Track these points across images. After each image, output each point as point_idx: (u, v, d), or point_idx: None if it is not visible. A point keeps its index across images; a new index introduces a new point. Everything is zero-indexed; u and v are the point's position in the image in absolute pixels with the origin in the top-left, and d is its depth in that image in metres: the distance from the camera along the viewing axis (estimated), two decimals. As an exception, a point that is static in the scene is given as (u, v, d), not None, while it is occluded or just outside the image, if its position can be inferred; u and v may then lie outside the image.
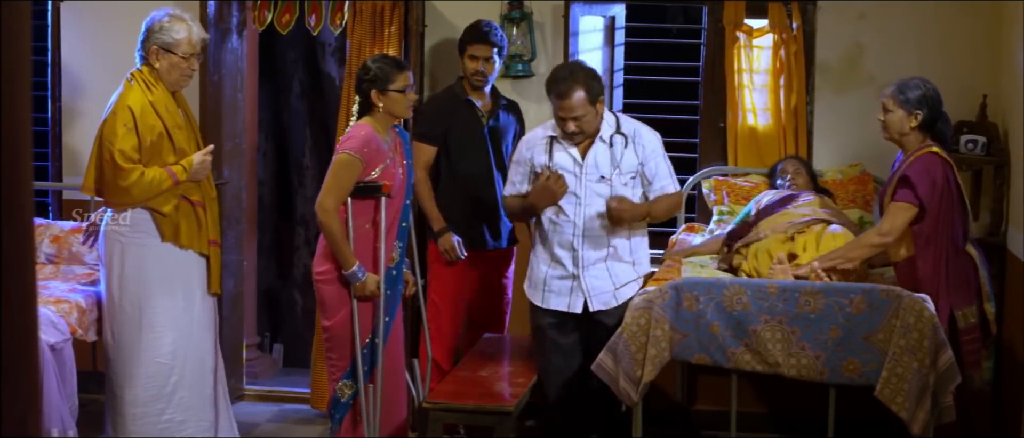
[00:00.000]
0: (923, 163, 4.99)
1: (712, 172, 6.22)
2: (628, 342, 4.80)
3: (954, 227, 5.00)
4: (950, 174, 4.99)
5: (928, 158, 5.00)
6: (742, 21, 6.15)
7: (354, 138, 4.96)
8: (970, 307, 5.00)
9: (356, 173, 4.93)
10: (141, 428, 5.14)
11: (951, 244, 4.98)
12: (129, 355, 5.14)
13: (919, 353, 4.56)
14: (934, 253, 4.97)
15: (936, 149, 5.01)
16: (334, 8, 6.19)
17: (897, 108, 5.08)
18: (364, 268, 4.97)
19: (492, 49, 5.70)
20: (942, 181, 4.96)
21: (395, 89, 5.00)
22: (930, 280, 4.94)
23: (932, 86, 5.09)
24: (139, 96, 5.03)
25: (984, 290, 5.05)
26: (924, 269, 4.96)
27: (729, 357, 4.80)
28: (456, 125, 5.79)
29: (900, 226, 4.96)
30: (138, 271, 5.12)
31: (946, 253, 4.98)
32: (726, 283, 4.82)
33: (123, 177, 4.95)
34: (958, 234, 5.01)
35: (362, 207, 5.00)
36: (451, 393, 4.81)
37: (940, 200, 4.95)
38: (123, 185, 4.96)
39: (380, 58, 5.14)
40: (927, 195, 4.92)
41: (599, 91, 4.99)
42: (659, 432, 5.93)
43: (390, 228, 5.07)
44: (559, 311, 5.10)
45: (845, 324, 4.67)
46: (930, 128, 5.05)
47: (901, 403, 4.56)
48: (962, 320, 4.97)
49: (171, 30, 5.07)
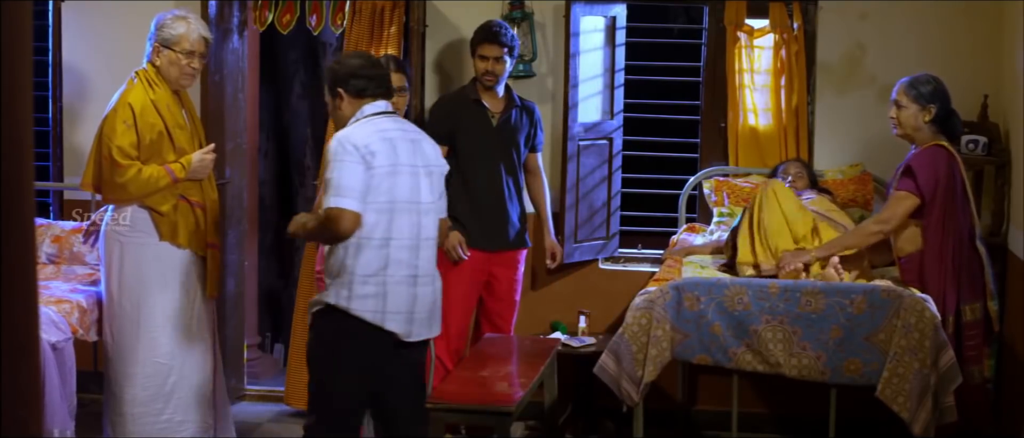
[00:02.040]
0: (929, 155, 5.03)
1: (713, 172, 6.22)
2: (629, 342, 4.80)
3: (960, 221, 5.02)
4: (956, 169, 5.01)
5: (934, 150, 5.04)
6: (743, 21, 6.15)
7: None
8: (977, 303, 5.04)
9: None
10: (140, 428, 5.14)
11: (959, 238, 5.01)
12: (128, 354, 5.14)
13: (920, 353, 4.56)
14: (941, 247, 4.99)
15: (944, 143, 5.05)
16: (335, 8, 6.19)
17: (911, 103, 5.11)
18: None
19: (502, 49, 5.69)
20: (946, 174, 4.98)
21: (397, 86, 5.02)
22: (937, 274, 4.97)
23: (942, 82, 5.14)
24: (141, 94, 5.04)
25: (988, 288, 5.07)
26: (931, 263, 4.99)
27: (730, 357, 4.80)
28: (463, 125, 5.79)
29: (900, 215, 4.99)
30: (137, 270, 5.12)
31: (954, 247, 5.00)
32: (727, 283, 4.82)
33: (119, 173, 4.95)
34: (965, 229, 5.03)
35: None
36: (452, 393, 4.81)
37: (943, 193, 4.98)
38: (119, 181, 4.97)
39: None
40: (927, 186, 4.96)
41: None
42: (660, 432, 5.93)
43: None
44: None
45: (846, 324, 4.67)
46: (943, 123, 5.08)
47: (902, 403, 4.56)
48: (969, 314, 5.00)
49: (172, 27, 5.09)
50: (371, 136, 4.31)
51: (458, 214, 5.79)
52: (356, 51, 5.05)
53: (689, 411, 6.24)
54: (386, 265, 4.33)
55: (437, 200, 4.52)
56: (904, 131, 5.15)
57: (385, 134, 4.35)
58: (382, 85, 4.48)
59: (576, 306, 6.17)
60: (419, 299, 4.42)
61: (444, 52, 6.33)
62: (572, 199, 6.11)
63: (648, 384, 4.80)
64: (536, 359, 5.30)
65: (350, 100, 4.46)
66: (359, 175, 4.24)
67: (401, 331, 4.38)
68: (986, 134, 5.74)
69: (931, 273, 4.99)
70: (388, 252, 4.33)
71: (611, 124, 6.26)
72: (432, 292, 4.51)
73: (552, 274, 6.26)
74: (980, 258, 5.07)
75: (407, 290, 4.38)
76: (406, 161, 4.37)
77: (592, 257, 6.30)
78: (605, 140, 6.23)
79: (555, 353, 5.50)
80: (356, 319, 4.32)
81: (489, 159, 5.79)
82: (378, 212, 4.29)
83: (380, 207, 4.29)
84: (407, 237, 4.37)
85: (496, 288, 5.89)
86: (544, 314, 6.27)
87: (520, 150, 5.85)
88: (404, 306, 4.38)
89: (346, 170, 4.23)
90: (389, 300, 4.34)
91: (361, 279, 4.30)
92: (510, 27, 5.85)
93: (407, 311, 4.39)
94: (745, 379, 5.48)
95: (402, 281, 4.36)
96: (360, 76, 4.44)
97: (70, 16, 6.48)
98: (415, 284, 4.40)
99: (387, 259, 4.32)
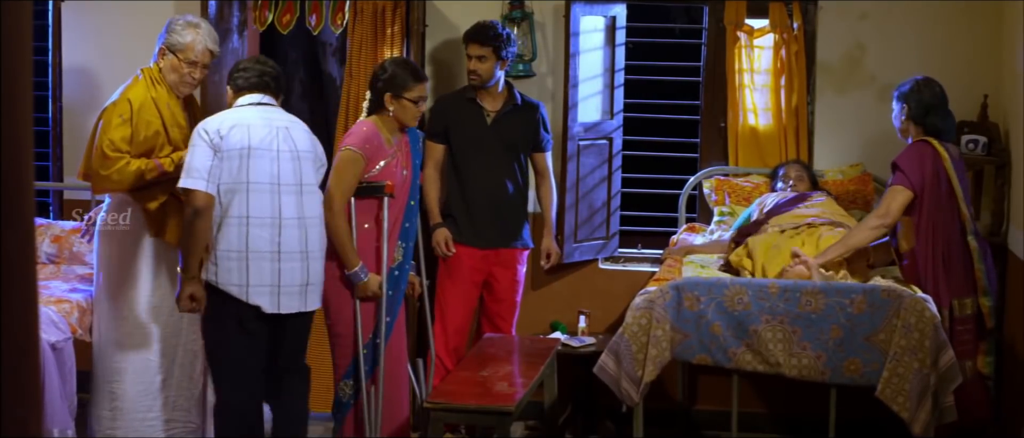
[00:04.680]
0: (911, 150, 5.16)
1: (713, 172, 6.22)
2: (629, 342, 4.80)
3: (948, 216, 5.09)
4: (940, 165, 5.09)
5: (917, 145, 5.17)
6: (743, 21, 6.15)
7: (355, 134, 4.99)
8: (969, 298, 5.11)
9: (359, 169, 4.94)
10: (128, 425, 5.13)
11: (947, 233, 5.10)
12: (117, 351, 5.15)
13: (920, 353, 4.56)
14: (932, 242, 5.08)
15: (928, 139, 5.16)
16: (335, 8, 6.19)
17: (894, 102, 5.33)
18: (367, 269, 4.97)
19: (486, 48, 5.66)
20: (931, 169, 5.08)
21: (409, 97, 5.03)
22: (930, 269, 5.06)
23: (931, 83, 5.24)
24: (142, 90, 5.06)
25: (981, 283, 5.10)
26: (924, 258, 5.08)
27: (730, 357, 4.80)
28: (458, 124, 5.78)
29: (896, 209, 5.08)
30: (128, 267, 5.13)
31: (943, 242, 5.09)
32: (727, 283, 4.82)
33: (106, 165, 4.97)
34: (954, 223, 5.08)
35: (364, 207, 5.01)
36: (451, 393, 4.81)
37: (930, 188, 5.08)
38: (104, 173, 4.99)
39: (401, 62, 5.16)
40: (917, 177, 5.07)
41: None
42: (660, 432, 5.93)
43: (392, 228, 5.07)
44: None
45: (846, 324, 4.67)
46: (921, 120, 5.21)
47: (902, 403, 4.57)
48: (959, 309, 5.08)
49: (180, 33, 5.11)
50: (225, 122, 4.72)
51: (453, 211, 5.80)
52: (257, 56, 5.33)
53: (689, 411, 6.24)
54: (246, 242, 4.66)
55: (306, 183, 4.81)
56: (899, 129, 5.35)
57: (242, 121, 4.74)
58: (260, 80, 4.89)
59: (576, 306, 6.17)
60: (284, 274, 4.70)
61: (444, 52, 6.33)
62: (572, 199, 6.11)
63: (648, 384, 4.80)
64: (536, 359, 5.30)
65: (232, 94, 4.95)
66: (207, 158, 4.64)
67: (265, 304, 4.69)
68: (986, 134, 5.75)
69: (922, 268, 5.08)
70: (247, 230, 4.67)
71: (611, 124, 6.26)
72: (302, 269, 4.76)
73: (551, 274, 6.26)
74: (971, 253, 5.10)
75: (270, 265, 4.68)
76: (264, 146, 4.72)
77: (592, 257, 6.30)
78: (605, 140, 6.23)
79: (555, 353, 5.50)
80: (223, 293, 4.66)
81: (483, 157, 5.79)
82: (232, 191, 4.66)
83: (231, 186, 4.66)
84: (267, 215, 4.70)
85: (495, 288, 5.89)
86: (544, 314, 6.27)
87: (519, 149, 5.84)
88: (267, 280, 4.68)
89: (195, 153, 4.66)
90: (251, 275, 4.67)
91: (224, 255, 4.66)
92: (505, 27, 5.83)
93: (271, 285, 4.69)
94: (745, 379, 5.49)
95: (264, 256, 4.67)
96: (240, 72, 4.92)
97: (70, 16, 6.48)
98: (278, 260, 4.69)
99: (246, 236, 4.66)
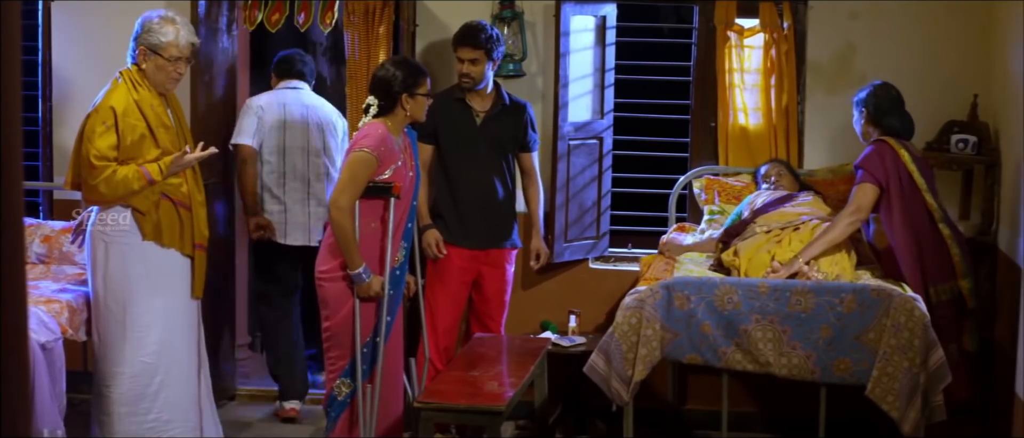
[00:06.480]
0: (871, 149, 5.30)
1: (703, 171, 6.22)
2: (619, 341, 4.81)
3: (914, 210, 5.20)
4: (899, 161, 5.22)
5: (875, 144, 5.31)
6: (733, 21, 6.15)
7: (370, 136, 4.96)
8: (945, 285, 5.22)
9: (371, 171, 4.94)
10: (127, 427, 5.13)
11: (916, 225, 5.20)
12: (114, 354, 5.14)
13: (910, 352, 4.57)
14: (903, 236, 5.18)
15: (886, 138, 5.30)
16: (325, 7, 6.18)
17: (854, 108, 5.51)
18: (370, 269, 4.97)
19: (478, 51, 5.66)
20: (892, 163, 5.21)
21: (422, 93, 5.09)
22: (907, 262, 5.16)
23: (887, 87, 5.41)
24: (123, 95, 5.03)
25: (958, 267, 5.18)
26: (900, 253, 5.18)
27: (720, 357, 4.80)
28: (446, 124, 5.78)
29: (867, 203, 5.21)
30: (122, 270, 5.12)
31: (914, 234, 5.19)
32: (717, 283, 4.83)
33: (94, 175, 4.96)
34: (921, 215, 5.21)
35: (369, 207, 5.01)
36: (442, 392, 4.81)
37: (895, 183, 5.20)
38: (92, 183, 4.99)
39: (404, 61, 5.22)
40: (881, 172, 5.19)
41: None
42: (650, 432, 5.93)
43: (397, 229, 5.07)
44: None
45: (836, 323, 4.68)
46: (878, 123, 5.36)
47: (892, 402, 4.58)
48: (935, 296, 5.17)
49: (159, 32, 5.07)
50: (269, 99, 6.28)
51: (442, 212, 5.79)
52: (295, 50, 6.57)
53: (679, 410, 6.25)
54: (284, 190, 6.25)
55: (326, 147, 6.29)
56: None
57: (281, 98, 6.28)
58: (294, 69, 6.36)
59: (566, 305, 6.17)
60: (313, 216, 6.28)
61: (434, 51, 6.33)
62: (562, 198, 6.11)
63: (638, 383, 4.80)
64: (526, 359, 5.31)
65: (275, 79, 6.42)
66: (254, 123, 6.18)
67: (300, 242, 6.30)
68: (976, 133, 5.76)
69: (903, 262, 5.17)
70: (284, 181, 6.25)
71: (601, 123, 6.26)
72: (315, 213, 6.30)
73: (542, 274, 6.26)
74: (945, 241, 5.16)
75: (301, 209, 6.28)
76: (298, 118, 6.25)
77: (582, 256, 6.30)
78: (595, 139, 6.24)
79: (545, 353, 5.50)
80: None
81: (473, 158, 5.78)
82: (274, 152, 6.22)
83: (272, 148, 6.21)
84: (300, 171, 6.25)
85: (485, 288, 5.89)
86: (534, 313, 6.27)
87: (508, 149, 5.83)
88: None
89: (244, 120, 6.21)
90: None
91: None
92: (495, 28, 5.83)
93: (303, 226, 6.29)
94: (735, 378, 5.49)
95: (298, 201, 6.26)
96: (280, 63, 6.41)
97: (60, 16, 6.46)
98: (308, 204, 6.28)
99: (285, 188, 6.26)
